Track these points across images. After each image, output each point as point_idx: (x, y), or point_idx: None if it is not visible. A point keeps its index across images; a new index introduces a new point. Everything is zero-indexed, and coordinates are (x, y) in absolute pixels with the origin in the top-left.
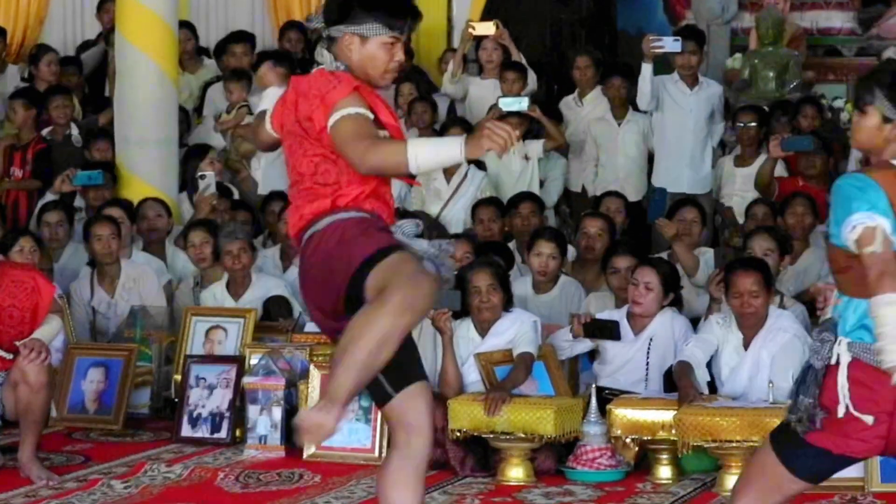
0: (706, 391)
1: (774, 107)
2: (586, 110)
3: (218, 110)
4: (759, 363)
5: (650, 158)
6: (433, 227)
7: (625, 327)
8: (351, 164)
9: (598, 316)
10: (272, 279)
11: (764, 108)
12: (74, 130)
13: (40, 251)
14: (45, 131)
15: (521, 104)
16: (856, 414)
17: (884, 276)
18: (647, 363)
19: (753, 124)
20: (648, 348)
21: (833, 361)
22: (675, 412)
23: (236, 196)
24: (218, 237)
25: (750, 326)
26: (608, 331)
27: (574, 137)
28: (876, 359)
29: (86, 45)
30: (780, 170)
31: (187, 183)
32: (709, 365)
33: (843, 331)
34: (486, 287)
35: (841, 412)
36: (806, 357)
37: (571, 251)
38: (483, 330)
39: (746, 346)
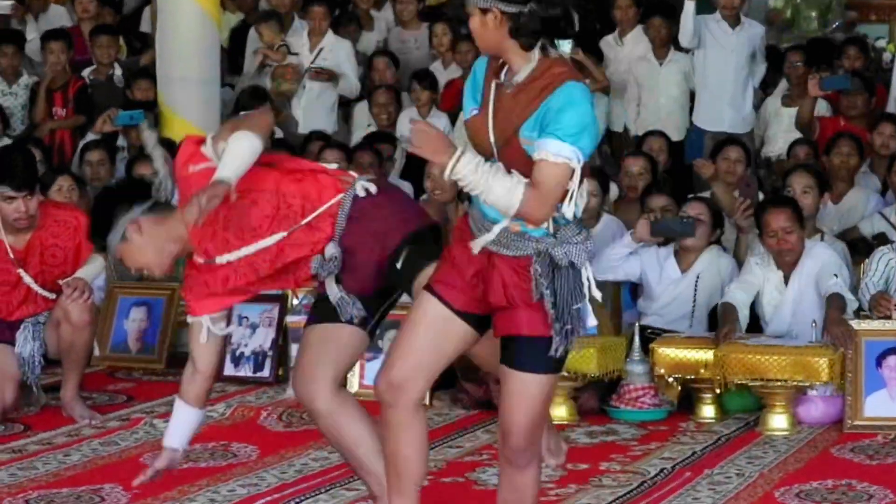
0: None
1: (817, 46)
2: (627, 50)
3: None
4: (802, 297)
5: (692, 98)
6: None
7: (671, 264)
8: None
9: (643, 248)
10: None
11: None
12: (118, 70)
13: (79, 190)
14: (86, 71)
15: (565, 47)
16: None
17: None
18: (695, 300)
19: (800, 63)
20: (696, 285)
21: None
22: (716, 350)
23: (279, 135)
24: None
25: (787, 263)
26: (683, 226)
27: (614, 77)
28: None
29: None
30: (825, 110)
31: None
32: (753, 306)
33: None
34: None
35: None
36: (844, 273)
37: (614, 190)
38: None
39: (786, 282)
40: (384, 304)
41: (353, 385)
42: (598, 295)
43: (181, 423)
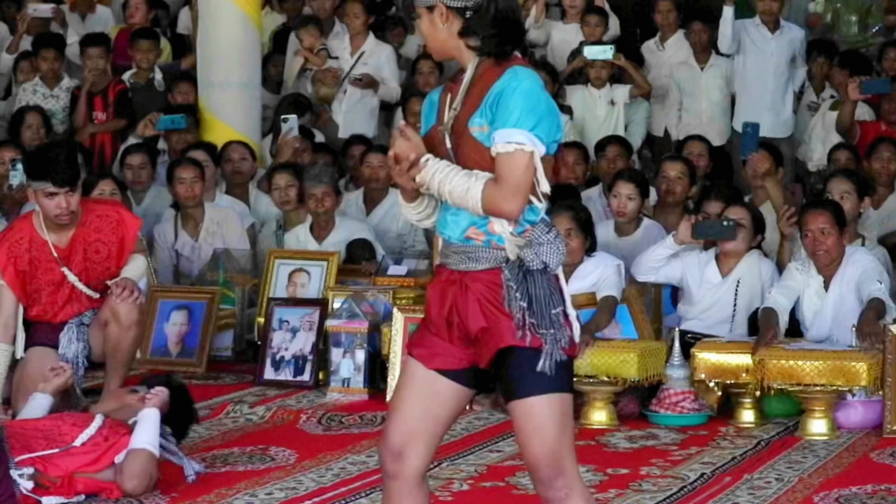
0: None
1: (850, 52)
2: (668, 54)
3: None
4: (842, 302)
5: (733, 102)
6: None
7: (712, 269)
8: None
9: (685, 252)
10: (355, 222)
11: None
12: (158, 75)
13: (120, 194)
14: (127, 75)
15: (606, 53)
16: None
17: None
18: (735, 305)
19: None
20: (736, 290)
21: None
22: (756, 355)
23: (320, 139)
24: (303, 180)
25: (826, 267)
26: (724, 229)
27: (656, 81)
28: None
29: None
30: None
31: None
32: (794, 312)
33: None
34: (565, 231)
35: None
36: (885, 278)
37: (654, 195)
38: (566, 273)
39: (826, 288)
40: None
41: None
42: (572, 312)
43: None
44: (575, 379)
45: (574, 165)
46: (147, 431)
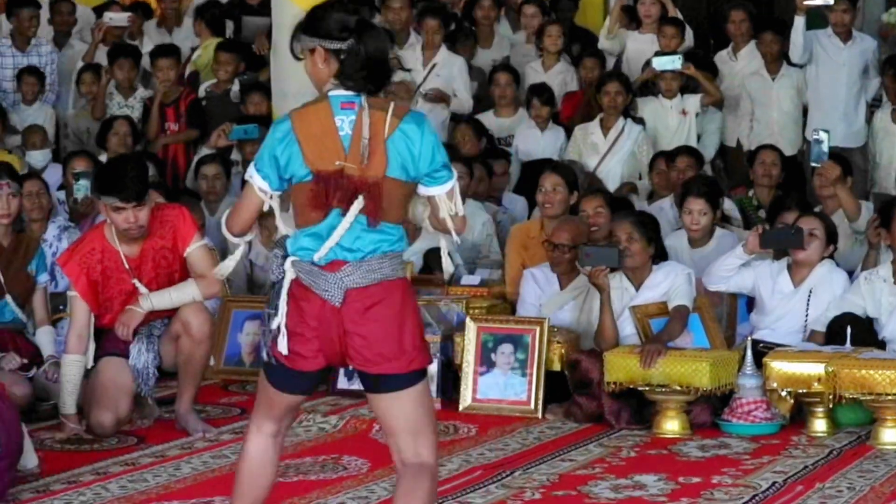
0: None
1: None
2: (741, 65)
3: None
4: None
5: (805, 113)
6: (591, 179)
7: (784, 278)
8: None
9: (757, 261)
10: (438, 233)
11: None
12: (235, 86)
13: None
14: (205, 84)
15: (675, 63)
16: (281, 330)
17: None
18: (807, 315)
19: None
20: (808, 300)
21: (284, 278)
22: (828, 364)
23: None
24: None
25: None
26: (792, 238)
27: (728, 92)
28: (307, 279)
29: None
30: None
31: None
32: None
33: (288, 251)
34: (625, 236)
35: (274, 325)
36: None
37: (728, 204)
38: (635, 281)
39: None
40: None
41: (467, 399)
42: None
43: None
44: (648, 388)
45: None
46: None
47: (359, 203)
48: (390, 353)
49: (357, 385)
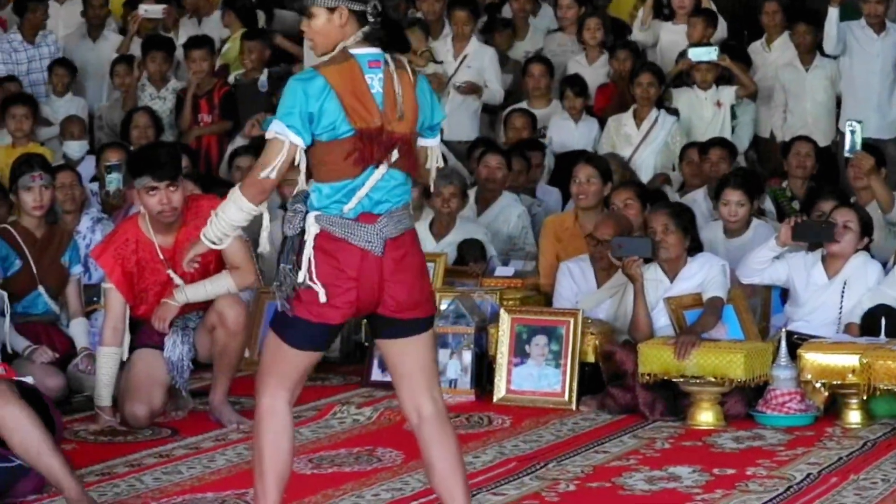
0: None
1: None
2: (774, 56)
3: None
4: None
5: (839, 104)
6: (625, 169)
7: (818, 270)
8: None
9: (791, 253)
10: (473, 224)
11: None
12: (263, 76)
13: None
14: (234, 75)
15: (711, 54)
16: (313, 284)
17: None
18: (841, 307)
19: None
20: (842, 292)
21: (303, 233)
22: (862, 355)
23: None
24: None
25: None
26: (824, 231)
27: (762, 83)
28: (341, 231)
29: None
30: None
31: None
32: None
33: (311, 205)
34: (661, 228)
35: (300, 278)
36: None
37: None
38: (670, 273)
39: None
40: None
41: (501, 390)
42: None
43: None
44: (682, 379)
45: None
46: None
47: (394, 157)
48: (420, 298)
49: (390, 377)
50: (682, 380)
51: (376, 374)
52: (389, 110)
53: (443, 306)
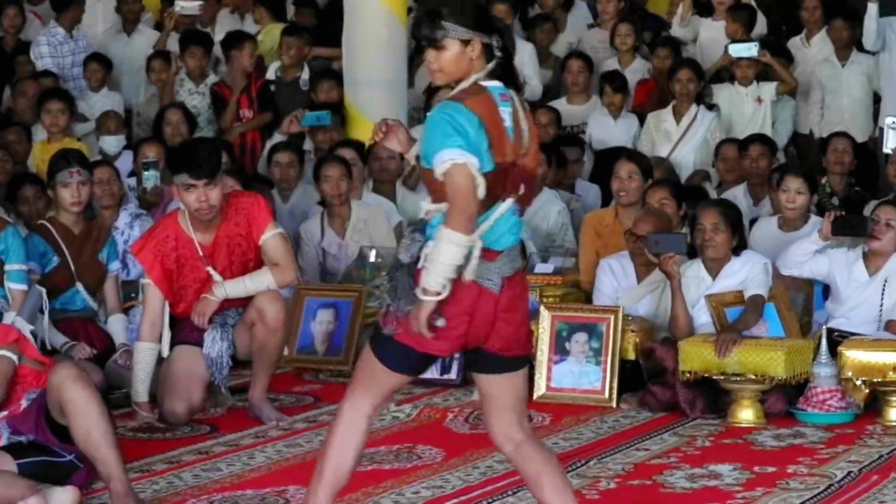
0: None
1: None
2: (813, 51)
3: None
4: None
5: (877, 100)
6: (666, 170)
7: (859, 267)
8: None
9: (833, 249)
10: None
11: None
12: (305, 74)
13: (242, 189)
14: (273, 68)
15: (751, 50)
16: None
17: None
18: (882, 304)
19: None
20: (883, 289)
21: (420, 263)
22: None
23: None
24: None
25: None
26: (858, 226)
27: (801, 78)
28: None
29: None
30: None
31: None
32: None
33: (431, 235)
34: (711, 226)
35: (410, 306)
36: None
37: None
38: (713, 271)
39: None
40: None
41: (541, 388)
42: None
43: None
44: (722, 377)
45: (733, 162)
46: None
47: (521, 191)
48: (523, 337)
49: (430, 374)
50: (722, 377)
51: None
52: (518, 144)
53: None
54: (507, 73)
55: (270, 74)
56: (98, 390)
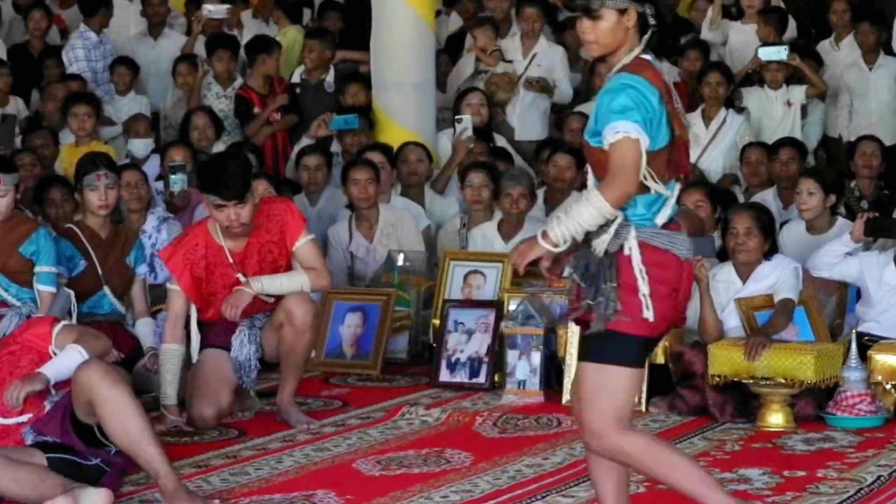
0: None
1: None
2: (843, 54)
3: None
4: None
5: None
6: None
7: (890, 271)
8: None
9: (864, 252)
10: (541, 224)
11: None
12: (330, 77)
13: (276, 193)
14: (297, 72)
15: (781, 54)
16: (645, 298)
17: None
18: None
19: None
20: None
21: (626, 250)
22: None
23: (501, 142)
24: (498, 180)
25: None
26: (891, 228)
27: (831, 82)
28: (665, 242)
29: None
30: None
31: None
32: None
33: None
34: (744, 230)
35: (643, 292)
36: None
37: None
38: (744, 275)
39: None
40: None
41: (570, 391)
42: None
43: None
44: (752, 380)
45: (758, 164)
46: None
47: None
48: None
49: (459, 378)
50: (751, 381)
51: (444, 375)
52: (682, 118)
53: (511, 307)
54: (664, 43)
55: (295, 77)
56: (129, 385)
